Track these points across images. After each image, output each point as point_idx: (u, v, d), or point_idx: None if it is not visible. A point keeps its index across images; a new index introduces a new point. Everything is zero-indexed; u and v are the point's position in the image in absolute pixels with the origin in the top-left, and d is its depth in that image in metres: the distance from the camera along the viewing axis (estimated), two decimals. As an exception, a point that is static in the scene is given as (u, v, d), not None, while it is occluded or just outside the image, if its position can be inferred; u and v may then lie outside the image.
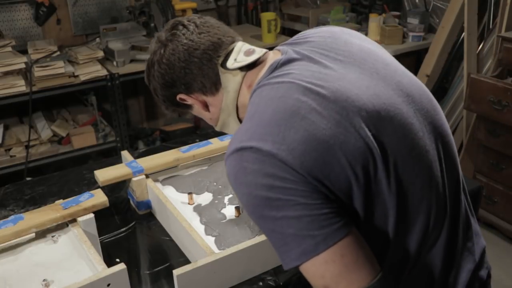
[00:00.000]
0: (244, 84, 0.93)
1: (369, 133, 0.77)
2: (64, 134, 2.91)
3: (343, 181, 0.75)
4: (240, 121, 0.97)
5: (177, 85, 0.95)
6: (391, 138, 0.79)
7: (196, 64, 0.92)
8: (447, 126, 0.94)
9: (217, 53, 0.93)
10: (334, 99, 0.78)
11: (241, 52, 0.93)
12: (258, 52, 0.94)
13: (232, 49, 0.94)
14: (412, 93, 0.87)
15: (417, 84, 0.92)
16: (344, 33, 0.96)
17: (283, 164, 0.72)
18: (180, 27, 0.94)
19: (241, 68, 0.92)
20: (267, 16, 3.25)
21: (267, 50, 0.96)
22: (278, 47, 0.96)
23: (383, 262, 0.81)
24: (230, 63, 0.92)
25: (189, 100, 0.98)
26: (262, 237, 1.22)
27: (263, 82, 0.86)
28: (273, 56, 0.94)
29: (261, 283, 1.23)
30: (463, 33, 2.87)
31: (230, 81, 0.92)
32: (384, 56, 0.94)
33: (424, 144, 0.84)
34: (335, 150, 0.74)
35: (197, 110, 1.02)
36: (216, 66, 0.92)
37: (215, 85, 0.94)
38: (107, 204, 1.35)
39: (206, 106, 0.99)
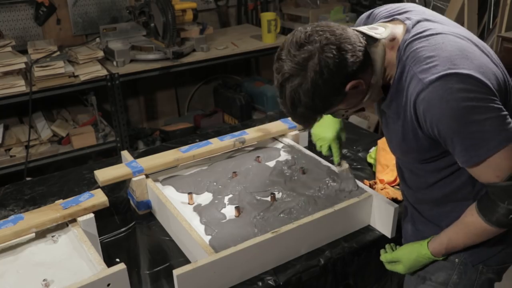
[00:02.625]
0: (388, 48, 1.07)
1: (498, 62, 1.06)
2: (64, 134, 2.91)
3: (503, 95, 1.02)
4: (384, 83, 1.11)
5: (348, 76, 1.01)
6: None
7: (346, 55, 0.99)
8: None
9: (361, 39, 1.03)
10: (472, 41, 1.05)
11: (372, 28, 1.08)
12: (381, 24, 1.11)
13: (355, 31, 1.04)
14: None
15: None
16: (425, 8, 1.18)
17: (479, 82, 0.97)
18: (316, 38, 0.99)
19: (379, 40, 1.06)
20: (267, 16, 3.25)
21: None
22: (385, 20, 1.13)
23: None
24: (373, 34, 1.06)
25: (358, 85, 1.03)
26: (262, 237, 1.23)
27: (413, 38, 1.04)
28: (393, 25, 1.10)
29: (261, 283, 1.23)
30: (463, 33, 2.88)
31: (376, 53, 1.06)
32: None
33: None
34: (495, 74, 1.01)
35: (355, 93, 1.06)
36: (363, 47, 1.02)
37: (366, 66, 1.04)
38: (107, 204, 1.35)
39: (368, 85, 1.07)
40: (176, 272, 1.11)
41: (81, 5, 3.17)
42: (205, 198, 1.48)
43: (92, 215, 1.31)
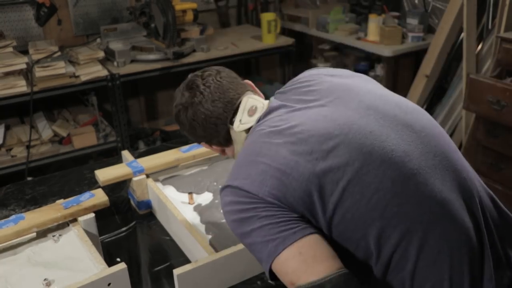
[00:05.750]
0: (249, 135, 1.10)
1: (317, 158, 0.90)
2: (65, 134, 2.92)
3: (298, 200, 0.89)
4: None
5: (199, 137, 1.18)
6: (343, 152, 0.90)
7: (212, 128, 1.13)
8: (427, 123, 1.00)
9: (228, 115, 1.11)
10: (290, 132, 0.95)
11: (245, 112, 1.10)
12: (260, 109, 1.09)
13: (238, 106, 1.11)
14: (375, 105, 0.98)
15: (388, 100, 1.02)
16: (324, 75, 1.10)
17: (247, 193, 0.92)
18: (198, 93, 1.12)
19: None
20: (267, 17, 3.25)
21: (265, 102, 1.12)
22: (272, 97, 1.13)
23: (351, 265, 0.89)
24: (236, 126, 1.10)
25: (210, 148, 1.23)
26: (261, 237, 1.23)
27: (251, 132, 1.06)
28: (265, 109, 1.09)
29: (260, 283, 1.24)
30: (462, 34, 2.88)
31: (238, 136, 1.12)
32: (360, 85, 1.06)
33: (388, 145, 0.91)
34: (288, 175, 0.90)
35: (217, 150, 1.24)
36: (228, 127, 1.12)
37: (228, 140, 1.15)
38: (108, 204, 1.36)
39: (223, 151, 1.21)
40: (176, 271, 1.12)
41: (82, 5, 3.18)
42: (205, 198, 1.49)
43: (92, 214, 1.31)
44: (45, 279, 1.12)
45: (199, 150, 1.61)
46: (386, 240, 0.88)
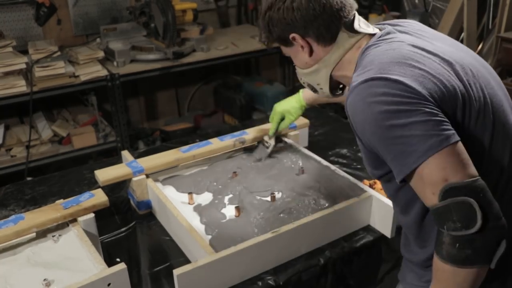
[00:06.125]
0: (356, 46, 1.07)
1: (462, 77, 0.97)
2: (64, 134, 2.92)
3: (449, 108, 0.93)
4: (331, 76, 1.12)
5: (297, 26, 1.06)
6: (476, 86, 0.98)
7: (327, 16, 1.04)
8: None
9: (344, 14, 1.05)
10: (435, 53, 0.98)
11: (361, 21, 1.08)
12: (373, 27, 1.09)
13: (354, 15, 1.07)
14: (485, 66, 1.08)
15: (486, 65, 1.11)
16: (426, 26, 1.14)
17: (408, 87, 0.90)
18: None
19: (359, 34, 1.06)
20: (267, 17, 3.25)
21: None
22: (378, 26, 1.11)
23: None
24: (357, 26, 1.06)
25: (301, 42, 1.08)
26: (262, 237, 1.23)
27: (374, 43, 1.03)
28: (379, 32, 1.08)
29: (260, 283, 1.23)
30: (463, 34, 2.88)
31: (345, 41, 1.06)
32: (458, 43, 1.12)
33: (501, 99, 1.04)
34: (444, 83, 0.93)
35: (296, 51, 1.12)
36: (340, 25, 1.05)
37: (331, 39, 1.06)
38: (108, 204, 1.36)
39: (311, 52, 1.10)
40: (176, 271, 1.12)
41: (81, 5, 3.17)
42: (205, 198, 1.49)
43: (92, 215, 1.31)
44: (44, 279, 1.12)
45: (199, 150, 1.61)
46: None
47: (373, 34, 1.07)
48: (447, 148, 0.88)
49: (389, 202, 1.36)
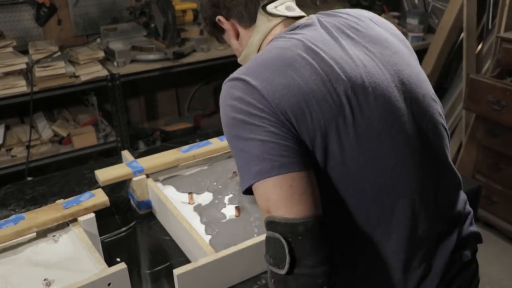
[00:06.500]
0: (272, 32, 1.02)
1: (348, 100, 0.86)
2: (64, 134, 2.92)
3: (311, 131, 0.84)
4: None
5: (220, 6, 1.05)
6: (372, 112, 0.88)
7: None
8: (437, 118, 0.99)
9: None
10: (329, 64, 0.88)
11: (283, 5, 1.03)
12: (297, 12, 1.04)
13: None
14: (408, 81, 0.96)
15: (417, 77, 0.99)
16: (369, 18, 1.05)
17: (263, 98, 0.84)
18: None
19: (277, 17, 1.01)
20: (267, 17, 3.25)
21: (305, 15, 1.06)
22: (311, 15, 1.06)
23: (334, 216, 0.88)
24: (270, 7, 1.01)
25: (225, 24, 1.07)
26: (262, 237, 1.23)
27: (280, 35, 0.98)
28: (304, 21, 1.03)
29: (261, 283, 1.24)
30: (462, 34, 2.88)
31: (263, 24, 1.02)
32: (397, 46, 1.02)
33: (407, 128, 0.91)
34: (312, 103, 0.84)
35: (228, 36, 1.11)
36: (259, 5, 1.02)
37: (250, 20, 1.03)
38: (108, 204, 1.36)
39: (237, 35, 1.08)
40: (176, 271, 1.12)
41: (82, 5, 3.18)
42: (205, 198, 1.49)
43: (92, 214, 1.31)
44: (45, 279, 1.12)
45: (199, 150, 1.61)
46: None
47: (295, 21, 1.02)
48: (275, 178, 0.81)
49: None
